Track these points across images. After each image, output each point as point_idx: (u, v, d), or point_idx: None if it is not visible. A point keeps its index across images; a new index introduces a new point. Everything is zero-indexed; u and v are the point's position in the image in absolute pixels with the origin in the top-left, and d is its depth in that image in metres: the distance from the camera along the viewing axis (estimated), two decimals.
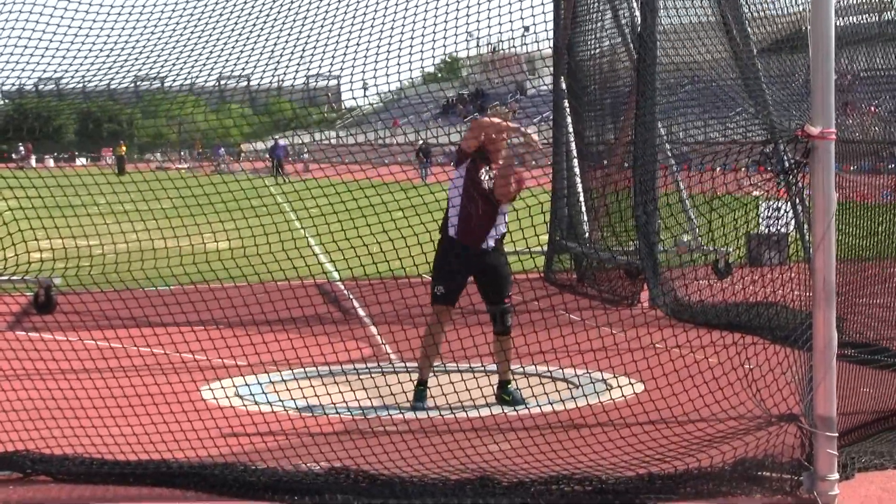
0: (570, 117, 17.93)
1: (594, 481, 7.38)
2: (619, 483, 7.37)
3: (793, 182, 8.07)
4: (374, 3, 9.54)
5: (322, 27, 9.70)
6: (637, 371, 9.37)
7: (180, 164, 50.18)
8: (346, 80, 9.30)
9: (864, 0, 11.50)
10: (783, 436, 7.58)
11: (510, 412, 9.43)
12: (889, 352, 9.60)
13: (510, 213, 9.96)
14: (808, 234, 12.28)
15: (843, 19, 10.33)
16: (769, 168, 8.30)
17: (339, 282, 16.94)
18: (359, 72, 9.52)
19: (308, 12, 9.56)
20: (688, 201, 15.27)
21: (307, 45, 9.70)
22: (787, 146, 7.57)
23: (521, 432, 8.69)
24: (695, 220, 15.40)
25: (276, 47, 9.77)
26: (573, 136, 17.75)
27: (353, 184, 10.08)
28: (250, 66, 10.02)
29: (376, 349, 12.48)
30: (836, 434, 7.34)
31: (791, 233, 15.79)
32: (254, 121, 41.03)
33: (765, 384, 7.86)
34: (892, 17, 11.70)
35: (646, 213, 12.53)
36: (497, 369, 10.19)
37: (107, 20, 9.77)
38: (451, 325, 10.05)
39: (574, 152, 17.69)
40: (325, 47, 9.70)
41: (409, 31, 9.40)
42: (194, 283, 9.81)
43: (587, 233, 17.27)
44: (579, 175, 17.66)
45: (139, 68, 9.86)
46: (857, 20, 11.08)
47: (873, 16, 11.57)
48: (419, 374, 10.07)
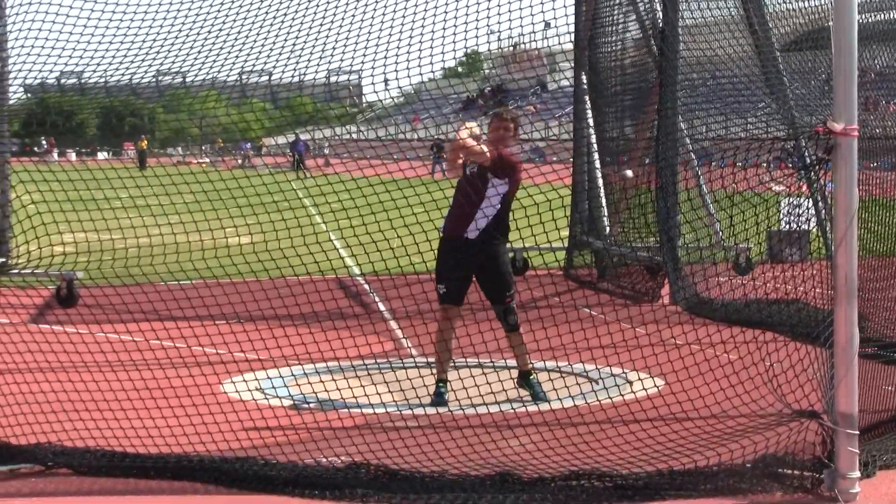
0: (591, 113, 17.93)
1: (614, 477, 7.38)
2: (639, 479, 7.37)
3: (814, 178, 8.07)
4: (396, 0, 9.56)
5: (343, 22, 9.72)
6: (658, 366, 9.37)
7: (202, 159, 50.28)
8: (368, 75, 9.33)
9: None
10: (804, 433, 7.57)
11: (530, 407, 9.45)
12: None
13: (517, 208, 9.88)
14: (829, 231, 12.25)
15: (867, 15, 10.30)
16: (790, 164, 8.30)
17: (360, 276, 16.97)
18: (380, 67, 9.54)
19: (329, 7, 9.58)
20: (708, 197, 15.24)
21: (328, 40, 9.72)
22: (808, 142, 7.55)
23: (541, 427, 8.69)
24: (716, 216, 15.38)
25: (298, 42, 9.79)
26: (594, 131, 17.74)
27: (375, 178, 10.08)
28: (272, 61, 10.05)
29: (397, 344, 12.50)
30: (858, 431, 7.32)
31: (812, 229, 15.77)
32: (275, 115, 41.07)
33: (786, 380, 7.85)
34: None
35: (667, 208, 12.53)
36: (517, 362, 10.20)
37: (128, 15, 9.82)
38: (460, 322, 10.04)
39: (595, 148, 17.69)
40: (346, 42, 9.73)
41: (430, 26, 9.41)
42: (216, 277, 9.83)
43: (608, 228, 17.27)
44: (600, 171, 17.65)
45: (161, 63, 9.89)
46: (880, 17, 11.04)
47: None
48: (437, 372, 10.08)
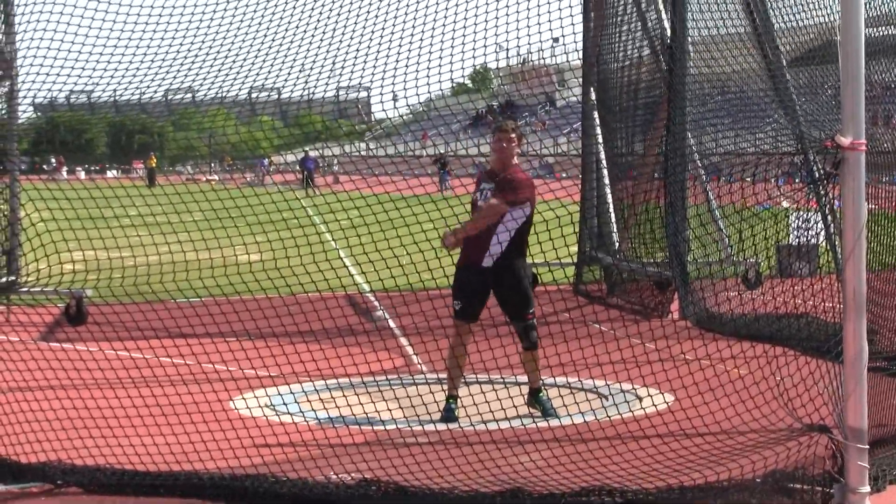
0: (599, 128, 17.95)
1: (625, 493, 7.37)
2: (650, 495, 7.36)
3: (823, 193, 8.07)
4: (404, 16, 9.59)
5: (352, 39, 9.75)
6: (668, 381, 9.36)
7: (211, 177, 50.35)
8: (377, 92, 9.36)
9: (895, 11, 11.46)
10: (814, 447, 7.55)
11: (541, 423, 9.43)
12: None
13: (539, 223, 9.93)
14: (838, 246, 12.24)
15: (874, 30, 10.31)
16: (799, 179, 8.30)
17: (370, 293, 16.98)
18: (389, 83, 9.56)
19: (338, 24, 9.61)
20: (717, 212, 15.25)
21: (338, 57, 9.75)
22: (816, 157, 7.56)
23: (551, 443, 8.69)
24: (725, 231, 15.37)
25: (307, 59, 9.82)
26: (602, 147, 17.76)
27: (384, 196, 10.10)
28: (281, 78, 10.08)
29: (406, 360, 12.50)
30: (868, 446, 7.31)
31: (821, 244, 15.75)
32: (284, 133, 41.14)
33: (796, 394, 7.84)
34: None
35: (675, 223, 12.53)
36: (528, 378, 10.20)
37: (137, 33, 9.85)
38: (472, 339, 10.04)
39: (604, 163, 17.70)
40: (355, 59, 9.75)
41: (438, 42, 9.44)
42: (225, 294, 9.85)
43: (617, 244, 17.27)
44: (609, 186, 17.66)
45: (171, 81, 9.92)
46: (889, 31, 11.04)
47: None
48: (448, 388, 10.08)
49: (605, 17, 17.35)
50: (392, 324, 14.76)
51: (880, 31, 10.72)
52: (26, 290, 15.19)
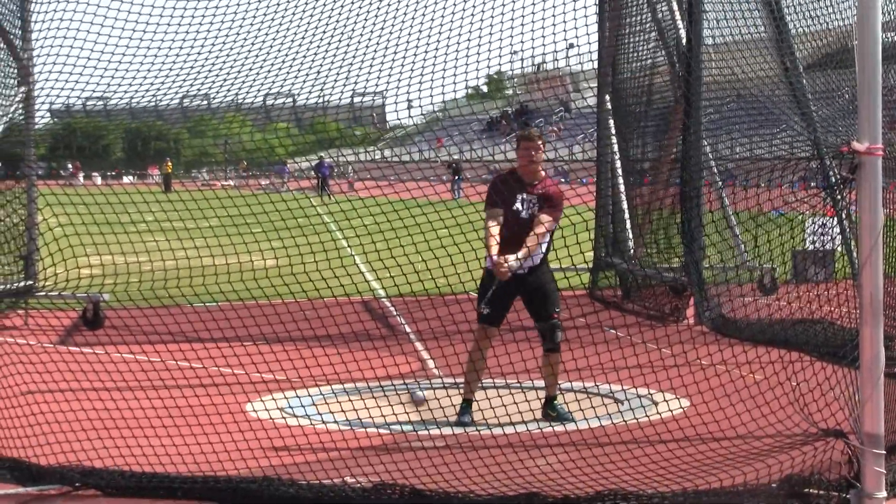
0: (614, 134, 17.95)
1: (640, 497, 7.38)
2: (665, 498, 7.37)
3: (839, 198, 8.06)
4: (420, 23, 9.62)
5: (368, 45, 9.79)
6: (684, 387, 9.37)
7: (226, 182, 50.44)
8: (392, 98, 9.37)
9: None
10: (830, 453, 7.55)
11: (557, 427, 9.44)
12: None
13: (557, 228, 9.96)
14: (854, 251, 12.23)
15: (890, 34, 10.30)
16: (815, 184, 8.30)
17: (386, 298, 17.01)
18: (404, 90, 9.59)
19: (354, 31, 9.65)
20: (733, 217, 15.23)
21: (353, 63, 9.79)
22: (833, 162, 7.56)
23: (567, 448, 8.70)
24: (740, 237, 15.37)
25: (323, 66, 9.85)
26: (618, 153, 17.76)
27: (399, 202, 10.13)
28: (297, 84, 10.11)
29: (423, 364, 12.52)
30: (884, 451, 7.31)
31: (837, 249, 15.72)
32: (299, 139, 41.23)
33: (812, 399, 7.84)
34: None
35: (691, 229, 12.53)
36: (545, 384, 10.20)
37: (153, 40, 9.90)
38: (493, 344, 10.04)
39: (619, 169, 17.70)
40: (370, 65, 9.79)
41: (453, 49, 9.47)
42: (241, 299, 9.88)
43: (632, 249, 17.26)
44: (624, 192, 17.66)
45: (186, 88, 9.96)
46: None
47: None
48: (464, 392, 10.08)
49: (620, 22, 17.36)
50: (407, 329, 14.78)
51: None
52: (44, 294, 15.26)
